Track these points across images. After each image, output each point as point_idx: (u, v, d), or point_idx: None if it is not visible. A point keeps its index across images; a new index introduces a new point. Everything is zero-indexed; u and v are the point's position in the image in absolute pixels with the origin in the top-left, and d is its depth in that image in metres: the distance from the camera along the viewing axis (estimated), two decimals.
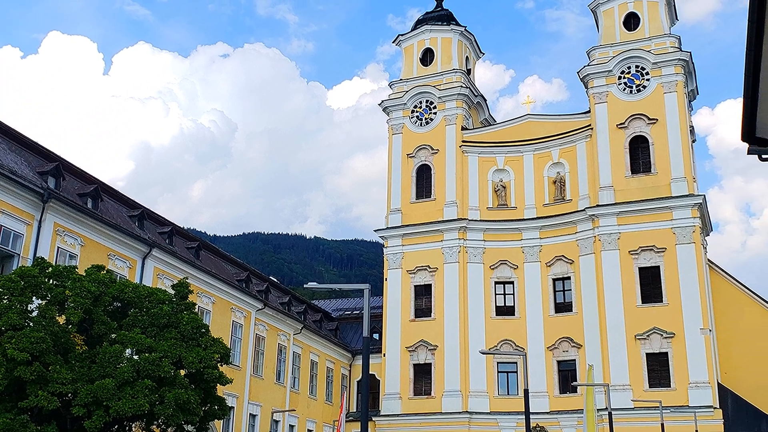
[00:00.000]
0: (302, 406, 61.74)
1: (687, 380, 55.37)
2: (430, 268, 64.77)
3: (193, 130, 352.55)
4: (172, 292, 32.56)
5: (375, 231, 68.66)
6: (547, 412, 59.13)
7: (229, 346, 34.52)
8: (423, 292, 65.04)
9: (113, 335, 28.90)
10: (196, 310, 36.72)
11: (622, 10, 64.81)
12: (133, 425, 29.94)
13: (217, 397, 31.64)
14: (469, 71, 72.28)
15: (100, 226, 40.97)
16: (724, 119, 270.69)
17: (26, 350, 25.49)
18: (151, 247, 45.27)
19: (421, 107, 68.96)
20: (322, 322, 69.31)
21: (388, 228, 67.09)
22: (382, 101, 70.62)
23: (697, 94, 66.92)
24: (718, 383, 56.26)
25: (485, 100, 72.65)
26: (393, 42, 73.58)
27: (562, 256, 62.42)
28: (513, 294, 63.42)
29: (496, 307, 63.33)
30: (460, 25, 71.44)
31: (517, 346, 60.81)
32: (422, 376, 63.38)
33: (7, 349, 25.53)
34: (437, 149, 67.07)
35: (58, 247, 38.34)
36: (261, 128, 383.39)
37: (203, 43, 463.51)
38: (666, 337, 56.67)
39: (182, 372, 29.97)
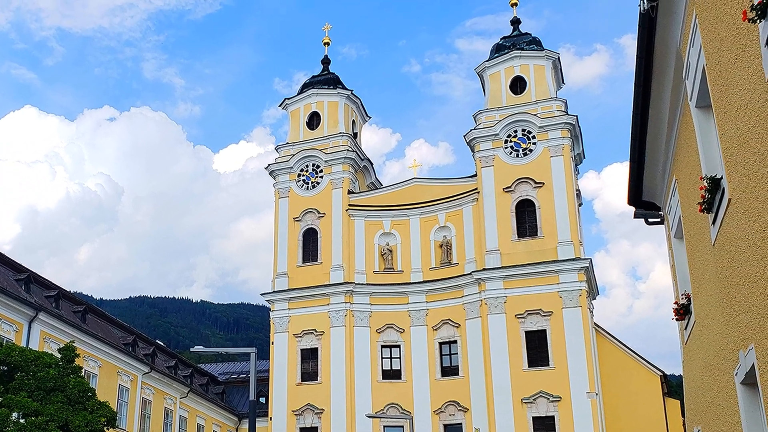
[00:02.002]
0: None
1: None
2: (316, 331, 64.02)
3: (80, 194, 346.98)
4: (59, 355, 32.65)
5: (261, 295, 67.76)
6: None
7: (115, 410, 35.06)
8: (309, 356, 64.18)
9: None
10: (83, 373, 37.83)
11: (509, 74, 65.64)
12: None
13: None
14: (355, 135, 72.27)
15: None
16: (610, 183, 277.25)
17: None
18: (38, 311, 45.15)
19: (307, 171, 68.59)
20: (209, 385, 68.85)
21: (274, 292, 66.22)
22: (269, 165, 70.03)
23: (584, 157, 67.97)
24: None
25: (372, 164, 72.68)
26: (279, 106, 73.29)
27: (449, 319, 62.31)
28: (399, 357, 63.04)
29: (383, 370, 62.86)
30: (346, 89, 71.53)
31: (404, 409, 60.25)
32: None
33: None
34: (324, 213, 66.67)
35: None
36: (147, 192, 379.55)
37: (90, 106, 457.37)
38: (552, 401, 56.79)
39: None
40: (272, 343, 65.68)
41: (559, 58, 66.51)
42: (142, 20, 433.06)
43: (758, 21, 7.72)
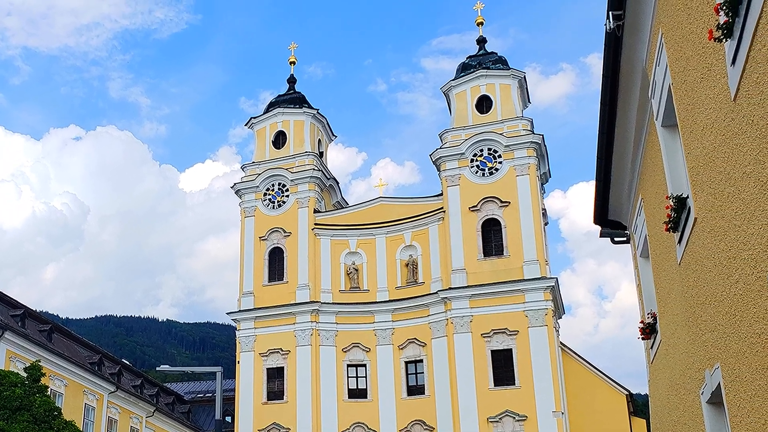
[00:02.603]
0: None
1: None
2: (282, 350, 63.70)
3: (46, 213, 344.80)
4: (25, 374, 32.70)
5: (227, 314, 67.32)
6: None
7: (81, 429, 34.94)
8: (275, 375, 63.85)
9: None
10: (49, 392, 37.44)
11: (475, 93, 65.76)
12: None
13: None
14: (321, 154, 72.16)
15: None
16: (576, 202, 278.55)
17: None
18: (3, 330, 45.13)
19: (273, 190, 68.36)
20: (175, 404, 68.67)
21: (240, 311, 65.84)
22: (235, 184, 69.76)
23: (550, 176, 68.13)
24: None
25: (338, 183, 72.58)
26: (245, 125, 73.03)
27: (415, 338, 62.22)
28: (365, 377, 62.84)
29: (349, 389, 62.61)
30: (312, 108, 71.44)
31: (370, 428, 60.19)
32: None
33: None
34: (290, 232, 66.45)
35: None
36: (113, 211, 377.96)
37: (56, 125, 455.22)
38: (518, 420, 56.75)
39: None
40: (238, 362, 65.28)
41: (525, 77, 66.81)
42: (108, 39, 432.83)
43: (724, 40, 7.73)
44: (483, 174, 62.98)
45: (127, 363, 72.06)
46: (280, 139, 70.59)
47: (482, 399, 57.80)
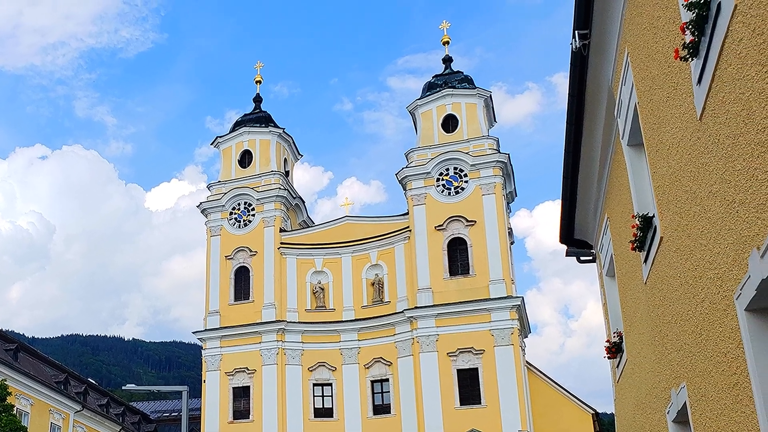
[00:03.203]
0: None
1: None
2: (248, 370, 63.37)
3: (11, 232, 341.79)
4: None
5: (193, 333, 67.04)
6: None
7: None
8: (241, 394, 63.49)
9: None
10: (15, 411, 37.77)
11: (441, 112, 65.84)
12: None
13: None
14: (287, 173, 71.98)
15: None
16: (542, 221, 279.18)
17: None
18: None
19: (239, 209, 68.09)
20: (141, 424, 68.66)
21: (206, 330, 65.47)
22: (201, 203, 69.42)
23: (516, 195, 68.19)
24: None
25: (304, 202, 72.43)
26: (211, 144, 72.75)
27: (381, 357, 62.06)
28: (331, 396, 62.60)
29: (315, 409, 62.33)
30: (278, 127, 71.28)
31: None
32: None
33: None
34: (256, 251, 66.17)
35: None
36: (79, 230, 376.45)
37: (21, 144, 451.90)
38: None
39: None
40: (204, 381, 64.87)
41: (491, 96, 66.96)
42: (74, 58, 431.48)
43: (690, 59, 7.75)
44: (449, 193, 63.02)
45: (93, 382, 71.80)
46: (246, 158, 70.35)
47: (448, 418, 57.66)
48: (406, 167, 64.53)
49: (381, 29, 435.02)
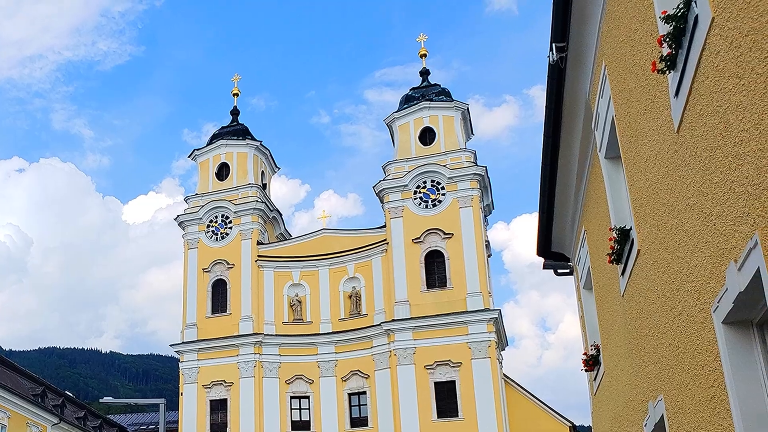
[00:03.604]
0: None
1: None
2: (225, 382, 63.17)
3: None
4: None
5: (171, 346, 66.74)
6: None
7: None
8: (219, 407, 63.27)
9: None
10: None
11: (418, 125, 65.88)
12: None
13: None
14: (264, 186, 71.86)
15: None
16: (519, 234, 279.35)
17: None
18: None
19: (216, 222, 67.91)
20: None
21: (183, 342, 65.20)
22: (178, 216, 69.18)
23: (493, 208, 68.13)
24: None
25: (281, 215, 72.35)
26: (189, 156, 72.55)
27: (358, 370, 61.96)
28: (309, 408, 62.46)
29: (292, 421, 62.16)
30: (255, 140, 71.17)
31: None
32: None
33: None
34: (233, 264, 65.98)
35: None
36: (57, 243, 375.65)
37: None
38: None
39: None
40: (181, 394, 64.65)
41: (468, 109, 67.08)
42: (51, 71, 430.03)
43: (667, 72, 7.75)
44: (426, 206, 63.03)
45: (71, 395, 71.95)
46: (223, 171, 70.20)
47: (425, 431, 57.63)
48: (384, 180, 64.50)
49: (358, 42, 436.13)
